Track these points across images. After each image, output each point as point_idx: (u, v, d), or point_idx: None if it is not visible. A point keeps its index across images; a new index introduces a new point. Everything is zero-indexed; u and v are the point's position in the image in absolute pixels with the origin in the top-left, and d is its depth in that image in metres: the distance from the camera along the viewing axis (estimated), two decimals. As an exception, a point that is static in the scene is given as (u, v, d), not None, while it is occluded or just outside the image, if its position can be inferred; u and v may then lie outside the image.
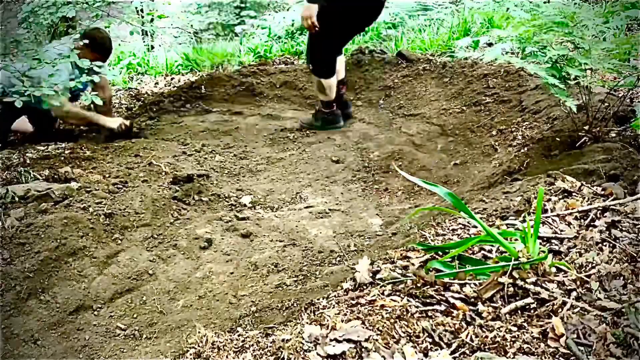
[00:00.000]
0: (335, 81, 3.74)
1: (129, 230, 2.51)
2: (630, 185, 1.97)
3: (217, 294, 2.13)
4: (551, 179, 2.03)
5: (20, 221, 2.37)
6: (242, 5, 7.51)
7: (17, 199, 2.56)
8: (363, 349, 1.17)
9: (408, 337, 1.22)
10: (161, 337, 1.93)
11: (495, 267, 1.46)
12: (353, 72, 4.53)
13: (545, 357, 1.18)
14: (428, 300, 1.37)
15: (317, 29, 3.43)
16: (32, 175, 2.84)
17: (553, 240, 1.65)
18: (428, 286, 1.42)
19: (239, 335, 1.34)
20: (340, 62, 3.85)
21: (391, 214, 2.71)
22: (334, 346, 1.18)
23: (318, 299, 1.54)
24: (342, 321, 1.27)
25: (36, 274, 2.12)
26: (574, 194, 1.90)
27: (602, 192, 1.91)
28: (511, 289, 1.38)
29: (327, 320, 1.28)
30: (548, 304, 1.33)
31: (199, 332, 1.37)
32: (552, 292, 1.37)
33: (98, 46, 3.62)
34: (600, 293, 1.37)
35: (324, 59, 3.66)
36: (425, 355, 1.18)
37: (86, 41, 3.23)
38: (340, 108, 3.89)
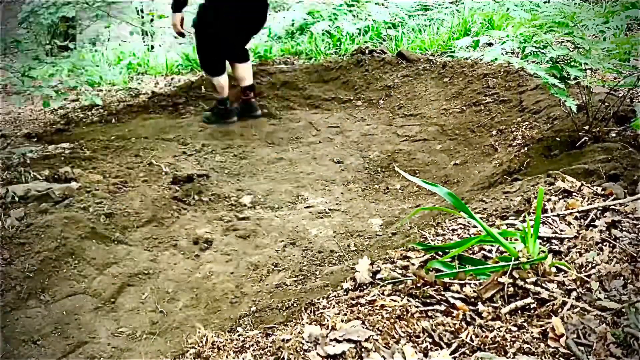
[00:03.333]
0: (224, 80, 3.97)
1: (129, 230, 2.51)
2: (630, 185, 1.97)
3: (217, 294, 2.13)
4: (551, 179, 2.03)
5: (20, 221, 2.37)
6: (242, 5, 7.49)
7: (17, 199, 2.56)
8: (363, 349, 1.17)
9: (408, 337, 1.22)
10: (161, 337, 1.93)
11: (495, 267, 1.46)
12: (353, 72, 4.53)
13: (545, 357, 1.18)
14: (428, 300, 1.37)
15: (189, 33, 3.91)
16: (32, 175, 2.84)
17: (553, 240, 1.65)
18: (428, 286, 1.42)
19: (239, 335, 1.34)
20: (240, 68, 4.02)
21: (391, 214, 2.71)
22: (334, 346, 1.18)
23: (318, 299, 1.54)
24: (342, 321, 1.27)
25: (36, 274, 2.12)
26: (574, 194, 1.90)
27: (602, 192, 1.91)
28: (511, 289, 1.38)
29: (327, 320, 1.28)
30: (548, 304, 1.33)
31: (199, 332, 1.37)
32: (552, 292, 1.37)
33: None
34: (600, 293, 1.37)
35: (206, 58, 3.95)
36: (425, 355, 1.18)
37: None
38: (245, 110, 4.11)
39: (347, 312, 1.33)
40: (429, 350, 1.19)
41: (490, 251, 1.64)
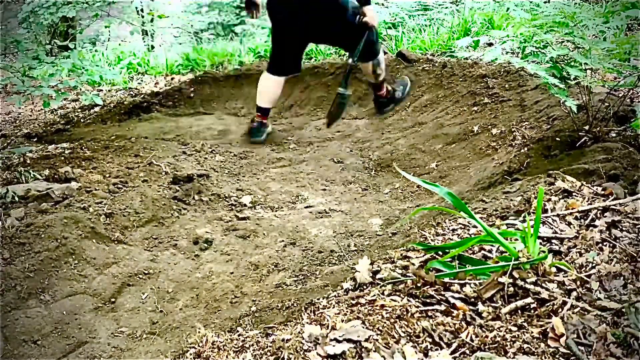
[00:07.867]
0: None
1: (129, 230, 2.51)
2: (630, 185, 1.97)
3: (217, 294, 2.13)
4: (551, 178, 2.03)
5: (20, 221, 2.37)
6: (242, 5, 7.51)
7: (17, 199, 2.56)
8: (363, 349, 1.17)
9: (408, 337, 1.22)
10: (161, 337, 1.93)
11: (495, 267, 1.46)
12: (353, 72, 4.53)
13: (545, 357, 1.18)
14: (428, 300, 1.37)
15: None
16: (32, 175, 2.84)
17: (553, 240, 1.65)
18: (428, 286, 1.42)
19: (239, 335, 1.34)
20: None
21: (391, 214, 2.71)
22: (334, 346, 1.18)
23: (318, 299, 1.54)
24: (342, 321, 1.27)
25: (36, 274, 2.11)
26: (574, 193, 1.90)
27: (602, 192, 1.91)
28: (511, 289, 1.38)
29: (327, 320, 1.28)
30: (548, 304, 1.33)
31: (199, 332, 1.37)
32: (552, 292, 1.37)
33: None
34: (600, 293, 1.37)
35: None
36: (425, 355, 1.18)
37: None
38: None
39: (347, 312, 1.33)
40: (429, 350, 1.19)
41: (490, 251, 1.64)
